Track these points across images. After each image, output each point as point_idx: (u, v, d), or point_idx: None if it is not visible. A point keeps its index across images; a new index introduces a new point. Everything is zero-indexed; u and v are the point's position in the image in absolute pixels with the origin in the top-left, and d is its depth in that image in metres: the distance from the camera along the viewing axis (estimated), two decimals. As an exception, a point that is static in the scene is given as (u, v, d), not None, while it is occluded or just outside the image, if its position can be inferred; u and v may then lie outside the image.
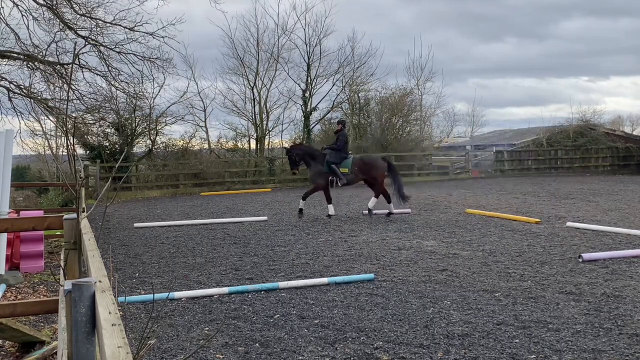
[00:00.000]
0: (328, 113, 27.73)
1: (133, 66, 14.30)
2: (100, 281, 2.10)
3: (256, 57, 26.61)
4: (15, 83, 13.11)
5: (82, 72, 14.01)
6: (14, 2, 12.64)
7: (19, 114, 13.58)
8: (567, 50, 64.31)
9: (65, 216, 3.29)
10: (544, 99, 66.98)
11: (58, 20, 13.01)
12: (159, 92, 22.60)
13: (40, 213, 10.08)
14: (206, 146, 26.85)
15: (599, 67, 68.75)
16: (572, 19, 65.99)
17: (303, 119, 27.07)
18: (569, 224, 10.84)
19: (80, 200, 4.97)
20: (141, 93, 16.42)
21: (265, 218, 13.01)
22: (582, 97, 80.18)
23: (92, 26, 13.51)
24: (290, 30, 26.81)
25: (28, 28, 13.02)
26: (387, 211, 12.96)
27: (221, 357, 4.59)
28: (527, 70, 71.07)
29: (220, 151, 26.81)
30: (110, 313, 1.76)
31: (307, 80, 26.97)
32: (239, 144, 27.12)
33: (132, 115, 23.16)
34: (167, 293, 6.47)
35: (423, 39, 69.15)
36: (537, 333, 4.94)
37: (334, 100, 27.39)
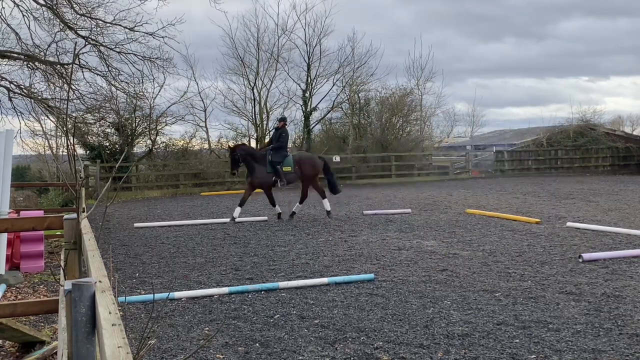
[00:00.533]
0: (328, 113, 27.75)
1: (133, 66, 14.29)
2: (100, 281, 2.10)
3: (256, 57, 26.61)
4: (15, 83, 13.11)
5: (82, 72, 14.01)
6: (14, 3, 12.64)
7: (19, 114, 13.59)
8: (566, 50, 64.39)
9: (66, 216, 3.29)
10: (543, 99, 67.03)
11: (58, 20, 13.00)
12: (159, 92, 22.60)
13: (40, 213, 10.08)
14: (206, 146, 26.85)
15: (598, 67, 68.83)
16: (571, 19, 66.06)
17: (303, 119, 27.09)
18: (569, 224, 10.84)
19: (81, 200, 4.97)
20: (141, 93, 16.40)
21: (265, 218, 13.01)
22: (582, 97, 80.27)
23: (92, 26, 13.51)
24: (290, 30, 26.82)
25: (29, 28, 13.03)
26: (295, 207, 13.12)
27: (221, 357, 4.59)
28: (526, 70, 71.14)
29: (221, 151, 26.80)
30: (110, 313, 1.76)
31: (307, 80, 26.96)
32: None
33: (132, 115, 23.15)
34: (167, 293, 6.47)
35: (422, 39, 69.15)
36: (537, 333, 4.94)
37: (334, 100, 27.40)
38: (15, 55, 13.24)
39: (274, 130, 13.44)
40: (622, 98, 72.01)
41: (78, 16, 13.25)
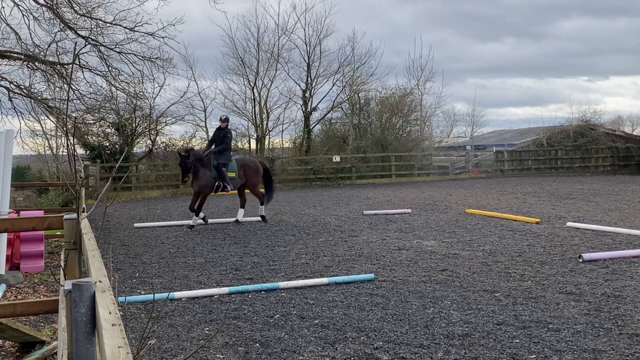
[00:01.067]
0: (328, 113, 27.76)
1: (133, 66, 14.31)
2: (100, 281, 2.10)
3: (256, 57, 26.61)
4: (15, 83, 13.12)
5: (82, 72, 14.02)
6: (14, 2, 12.65)
7: (19, 114, 13.61)
8: (565, 50, 64.44)
9: (66, 216, 3.29)
10: (543, 99, 67.08)
11: (58, 20, 13.01)
12: (159, 92, 22.59)
13: (40, 213, 10.09)
14: (206, 146, 26.82)
15: (597, 67, 68.85)
16: (569, 19, 66.07)
17: (303, 119, 27.08)
18: (569, 224, 10.84)
19: (81, 200, 4.97)
20: (141, 93, 16.43)
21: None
22: (582, 97, 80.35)
23: (92, 26, 13.52)
24: (291, 30, 26.83)
25: (29, 28, 13.04)
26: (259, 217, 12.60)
27: (221, 357, 4.59)
28: (525, 70, 71.22)
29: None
30: (110, 313, 1.76)
31: (307, 80, 26.98)
32: (239, 144, 27.12)
33: (132, 115, 23.15)
34: (167, 293, 6.47)
35: (422, 39, 69.03)
36: (537, 333, 4.94)
37: (334, 100, 27.42)
38: (15, 55, 13.25)
39: (215, 130, 12.65)
40: (621, 98, 72.12)
41: (78, 16, 13.26)
